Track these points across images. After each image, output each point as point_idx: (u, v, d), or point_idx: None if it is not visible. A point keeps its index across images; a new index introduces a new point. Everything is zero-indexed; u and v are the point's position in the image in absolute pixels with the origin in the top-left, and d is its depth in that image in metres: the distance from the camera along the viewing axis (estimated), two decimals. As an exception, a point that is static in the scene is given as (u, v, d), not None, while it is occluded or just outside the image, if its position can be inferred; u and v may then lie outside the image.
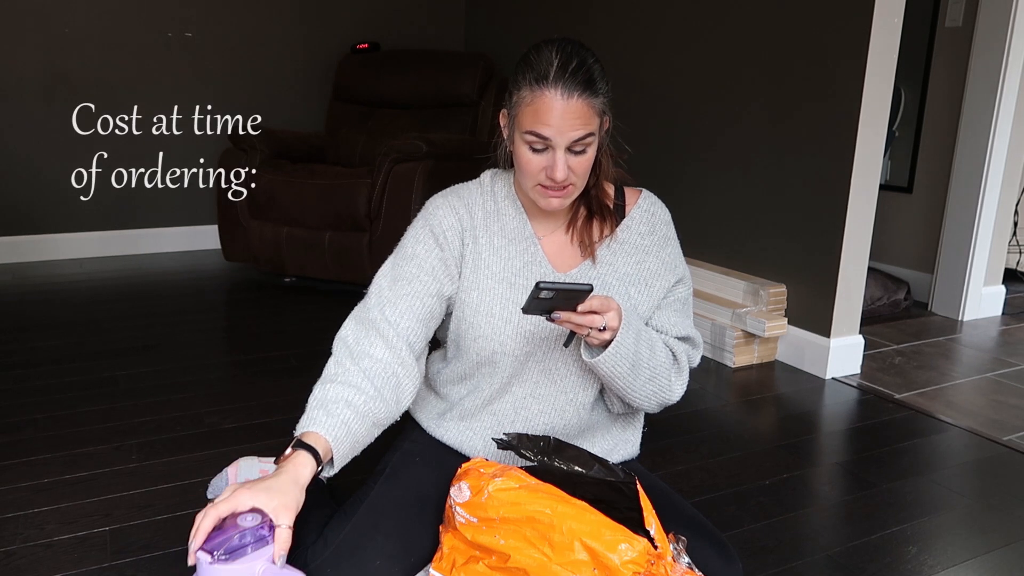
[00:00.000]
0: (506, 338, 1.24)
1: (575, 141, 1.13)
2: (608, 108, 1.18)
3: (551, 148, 1.14)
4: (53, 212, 3.52)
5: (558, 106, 1.11)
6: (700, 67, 2.76)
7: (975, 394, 2.31)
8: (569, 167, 1.15)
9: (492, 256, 1.27)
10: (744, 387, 2.32)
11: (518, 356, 1.26)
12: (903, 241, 3.31)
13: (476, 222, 1.28)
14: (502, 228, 1.28)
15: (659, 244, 1.32)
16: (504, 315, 1.24)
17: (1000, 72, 2.85)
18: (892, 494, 1.70)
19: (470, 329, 1.26)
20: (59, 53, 3.40)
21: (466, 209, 1.28)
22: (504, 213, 1.29)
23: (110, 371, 2.23)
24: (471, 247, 1.27)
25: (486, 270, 1.26)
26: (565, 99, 1.11)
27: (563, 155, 1.14)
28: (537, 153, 1.15)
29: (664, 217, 1.34)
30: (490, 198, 1.30)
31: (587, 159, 1.17)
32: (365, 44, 3.89)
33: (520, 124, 1.16)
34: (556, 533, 1.01)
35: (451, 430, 1.34)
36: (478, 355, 1.27)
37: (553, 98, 1.11)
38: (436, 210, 1.28)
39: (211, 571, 0.91)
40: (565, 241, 1.29)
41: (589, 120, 1.14)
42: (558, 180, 1.15)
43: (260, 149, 3.22)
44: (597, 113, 1.15)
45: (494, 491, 1.05)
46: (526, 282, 1.25)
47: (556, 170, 1.14)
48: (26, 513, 1.49)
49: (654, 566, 0.99)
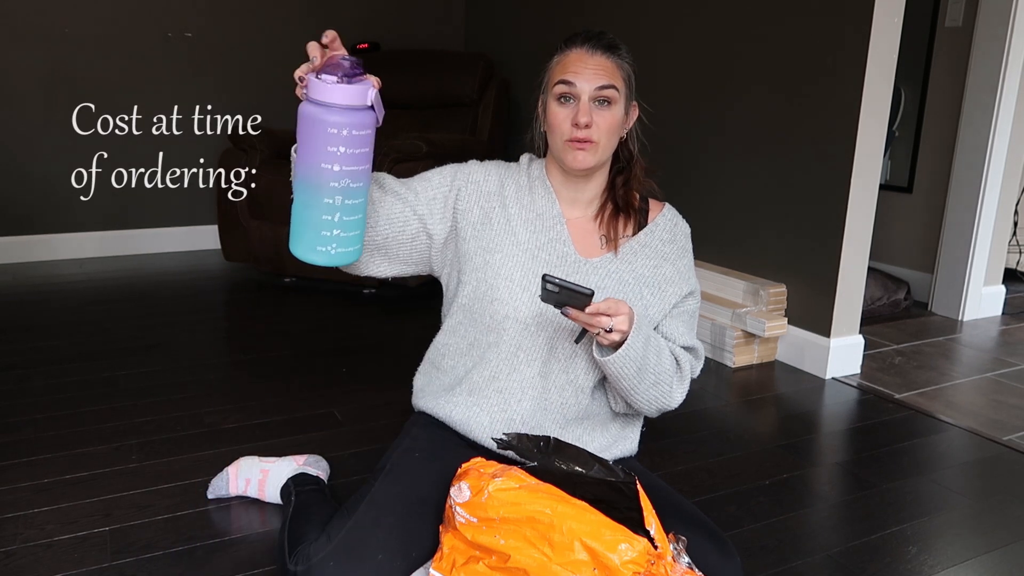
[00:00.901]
0: (520, 304, 1.27)
1: (599, 89, 1.22)
2: (633, 81, 1.28)
3: (576, 98, 1.23)
4: (53, 212, 3.52)
5: (583, 57, 1.23)
6: (700, 67, 2.76)
7: (975, 394, 2.31)
8: (594, 120, 1.23)
9: (521, 226, 1.31)
10: (744, 387, 2.32)
11: (528, 325, 1.27)
12: (903, 241, 3.31)
13: (507, 192, 1.34)
14: (532, 203, 1.33)
15: (677, 254, 1.37)
16: (523, 283, 1.27)
17: (1000, 72, 2.85)
18: (892, 494, 1.70)
19: (488, 291, 1.28)
20: (59, 53, 3.40)
21: (499, 178, 1.35)
22: (535, 191, 1.34)
23: (110, 371, 2.23)
24: (499, 211, 1.32)
25: (513, 236, 1.30)
26: (590, 53, 1.23)
27: (587, 103, 1.22)
28: (564, 105, 1.24)
29: (685, 231, 1.41)
30: (524, 175, 1.36)
31: (611, 115, 1.24)
32: (365, 44, 3.89)
33: (550, 84, 1.26)
34: (556, 533, 1.01)
35: (459, 405, 1.33)
36: (491, 318, 1.28)
37: (579, 52, 1.24)
38: (471, 163, 1.37)
39: (334, 90, 1.00)
40: (591, 229, 1.34)
41: (613, 74, 1.24)
42: (581, 123, 1.22)
43: (260, 149, 3.22)
44: (622, 76, 1.25)
45: (494, 491, 1.05)
46: (548, 257, 1.29)
47: (580, 113, 1.22)
48: (26, 513, 1.49)
49: (654, 566, 0.99)
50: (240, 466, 1.57)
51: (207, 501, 1.56)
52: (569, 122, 1.23)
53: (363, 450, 1.80)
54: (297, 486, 1.48)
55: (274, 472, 1.54)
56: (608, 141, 1.26)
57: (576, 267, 1.29)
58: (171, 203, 3.76)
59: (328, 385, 2.19)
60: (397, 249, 1.31)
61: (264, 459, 1.59)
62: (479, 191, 1.33)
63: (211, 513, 1.52)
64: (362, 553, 1.14)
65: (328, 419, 1.97)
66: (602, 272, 1.30)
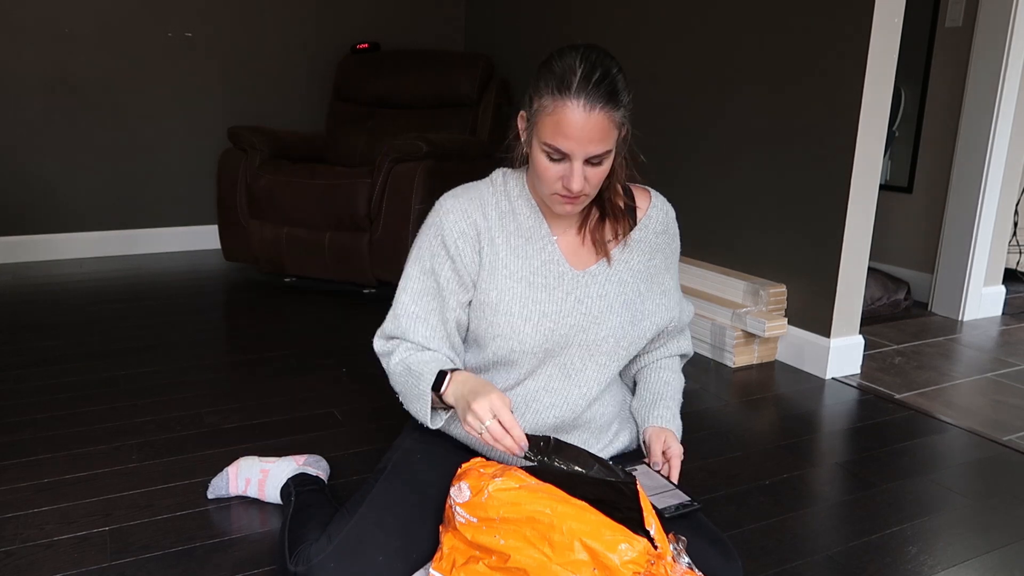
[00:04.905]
0: (525, 336, 1.25)
1: (593, 155, 1.14)
2: (628, 118, 1.19)
3: (569, 159, 1.15)
4: (53, 212, 3.52)
5: (579, 120, 1.11)
6: (700, 67, 2.76)
7: (975, 394, 2.31)
8: (585, 177, 1.16)
9: (510, 255, 1.27)
10: (744, 387, 2.32)
11: (536, 354, 1.27)
12: (903, 241, 3.31)
13: (491, 223, 1.28)
14: (518, 227, 1.29)
15: (667, 241, 1.37)
16: (524, 313, 1.25)
17: (1000, 72, 2.85)
18: (892, 494, 1.70)
19: (489, 328, 1.27)
20: (59, 53, 3.40)
21: (480, 211, 1.28)
22: (519, 212, 1.29)
23: (110, 371, 2.23)
24: (487, 249, 1.27)
25: (504, 270, 1.27)
26: (587, 111, 1.11)
27: (580, 167, 1.15)
28: (554, 162, 1.16)
29: (672, 215, 1.40)
30: (504, 198, 1.30)
31: (603, 170, 1.18)
32: (365, 44, 3.89)
33: (539, 133, 1.16)
34: (556, 533, 1.01)
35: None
36: (495, 353, 1.28)
37: (575, 110, 1.11)
38: (447, 215, 1.27)
39: None
40: (579, 240, 1.31)
41: (608, 134, 1.14)
42: (574, 191, 1.16)
43: (260, 149, 3.22)
44: (616, 126, 1.15)
45: (494, 491, 1.05)
46: (544, 280, 1.27)
47: (572, 181, 1.15)
48: (26, 513, 1.49)
49: (654, 566, 0.99)
50: (240, 466, 1.57)
51: (207, 501, 1.56)
52: (559, 181, 1.17)
53: (363, 450, 1.80)
54: (297, 486, 1.48)
55: (274, 472, 1.54)
56: (597, 188, 1.21)
57: (574, 282, 1.28)
58: (171, 203, 3.76)
59: (328, 385, 2.19)
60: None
61: (264, 459, 1.59)
62: (466, 238, 1.26)
63: (211, 513, 1.52)
64: (362, 554, 1.14)
65: (328, 419, 1.97)
66: (600, 279, 1.29)
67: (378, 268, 3.00)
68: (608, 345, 1.28)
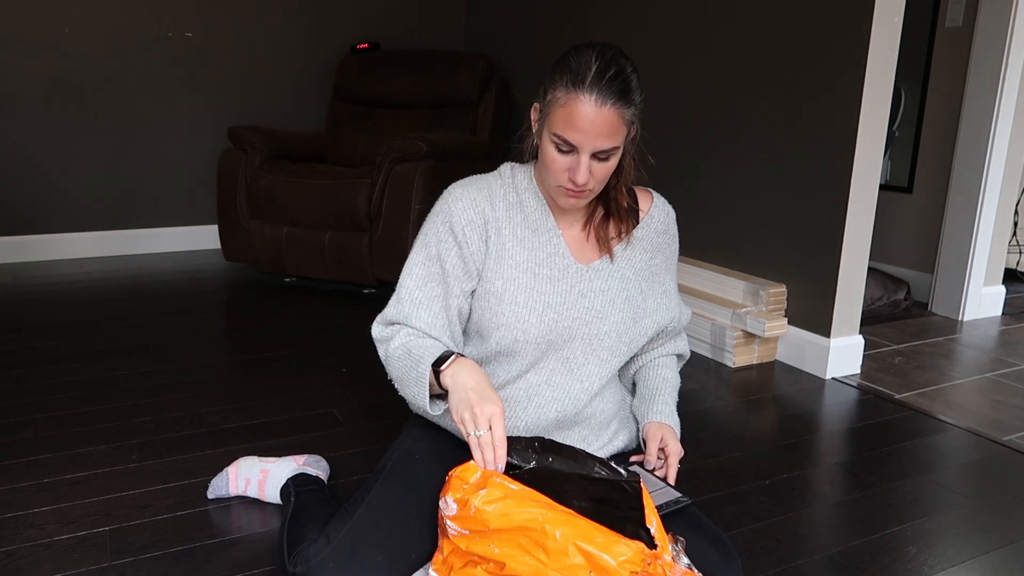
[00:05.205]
0: (529, 326, 1.26)
1: (601, 150, 1.16)
2: (638, 118, 1.21)
3: (577, 152, 1.17)
4: (53, 212, 3.52)
5: (590, 113, 1.13)
6: (700, 67, 2.76)
7: (975, 394, 2.31)
8: (591, 172, 1.18)
9: (516, 246, 1.29)
10: (744, 387, 2.32)
11: (539, 344, 1.28)
12: (903, 241, 3.31)
13: (499, 213, 1.30)
14: (525, 219, 1.31)
15: (668, 242, 1.40)
16: (528, 303, 1.27)
17: (1000, 72, 2.85)
18: (892, 494, 1.70)
19: (494, 317, 1.28)
20: (59, 53, 3.40)
21: (488, 201, 1.30)
22: (526, 205, 1.31)
23: (110, 371, 2.23)
24: (495, 238, 1.29)
25: (510, 260, 1.28)
26: (598, 106, 1.13)
27: (587, 160, 1.17)
28: (563, 154, 1.18)
29: (673, 216, 1.42)
30: (512, 190, 1.32)
31: (609, 166, 1.20)
32: (365, 44, 3.89)
33: (551, 124, 1.18)
34: (549, 539, 1.00)
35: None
36: (499, 344, 1.28)
37: (586, 104, 1.13)
38: (456, 202, 1.29)
39: None
40: (583, 236, 1.33)
41: (617, 131, 1.16)
42: (579, 184, 1.18)
43: (260, 149, 3.22)
44: (626, 123, 1.18)
45: (480, 505, 1.04)
46: (549, 272, 1.28)
47: (578, 173, 1.17)
48: (26, 513, 1.49)
49: (651, 566, 0.99)
50: (240, 466, 1.57)
51: (207, 501, 1.56)
52: (565, 173, 1.19)
53: (363, 450, 1.80)
54: (297, 486, 1.48)
55: (274, 472, 1.54)
56: (602, 184, 1.23)
57: (578, 275, 1.29)
58: (171, 203, 3.76)
59: (328, 385, 2.19)
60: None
61: (264, 459, 1.59)
62: (473, 226, 1.28)
63: (211, 513, 1.52)
64: (362, 554, 1.14)
65: (328, 419, 1.97)
66: (604, 274, 1.31)
67: (378, 268, 3.00)
68: (610, 340, 1.29)
